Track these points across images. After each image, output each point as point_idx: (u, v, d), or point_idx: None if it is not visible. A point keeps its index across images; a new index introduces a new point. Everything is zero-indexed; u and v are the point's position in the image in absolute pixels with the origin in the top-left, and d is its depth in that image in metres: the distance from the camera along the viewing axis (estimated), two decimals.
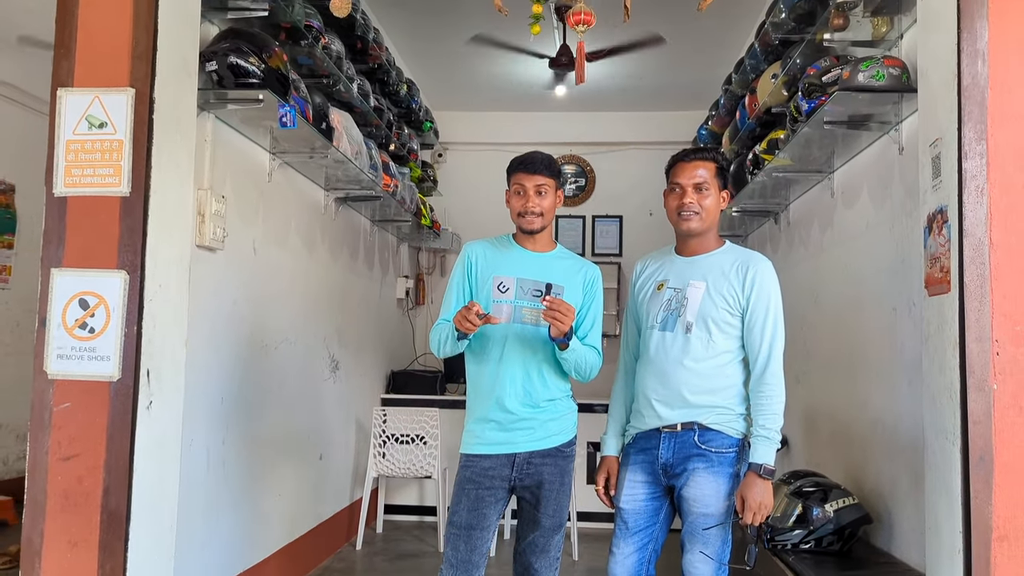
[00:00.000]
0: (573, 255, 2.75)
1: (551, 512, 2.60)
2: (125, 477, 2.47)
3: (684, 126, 6.69)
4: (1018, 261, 2.28)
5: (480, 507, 2.54)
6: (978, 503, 2.25)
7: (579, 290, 2.63)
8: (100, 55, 2.57)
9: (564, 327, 2.41)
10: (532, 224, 2.59)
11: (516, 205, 2.61)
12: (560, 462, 2.62)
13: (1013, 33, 2.32)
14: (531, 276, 2.58)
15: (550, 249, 2.68)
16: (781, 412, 2.44)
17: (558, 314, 2.40)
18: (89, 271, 2.52)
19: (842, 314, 3.82)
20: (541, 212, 2.59)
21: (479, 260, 2.65)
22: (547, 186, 2.59)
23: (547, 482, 2.59)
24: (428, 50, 5.85)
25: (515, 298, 2.57)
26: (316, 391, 4.54)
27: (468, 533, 2.53)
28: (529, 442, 2.58)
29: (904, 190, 3.07)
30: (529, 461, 2.58)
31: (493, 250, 2.67)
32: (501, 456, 2.57)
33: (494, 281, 2.60)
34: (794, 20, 3.77)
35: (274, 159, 3.78)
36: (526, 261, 2.62)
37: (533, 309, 2.54)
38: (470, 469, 2.59)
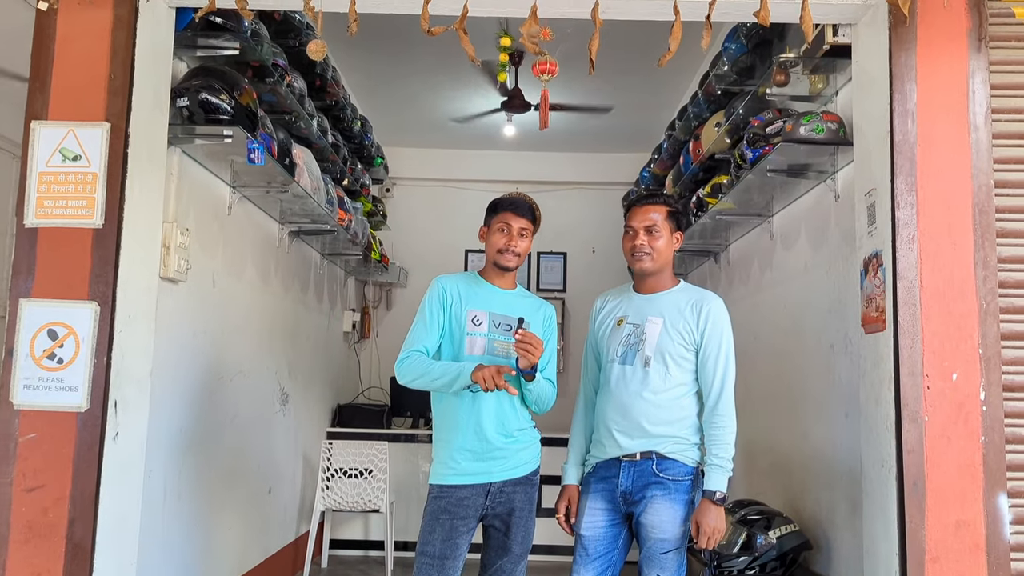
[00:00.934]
0: (531, 295, 2.90)
1: (520, 539, 2.70)
2: (91, 508, 2.48)
3: (627, 168, 6.93)
4: (944, 302, 2.50)
5: (453, 537, 2.62)
6: (912, 527, 2.44)
7: (539, 326, 2.77)
8: (75, 89, 2.62)
9: (534, 359, 2.55)
10: (509, 262, 2.73)
11: (498, 242, 2.73)
12: (529, 490, 2.73)
13: (939, 94, 2.57)
14: (501, 311, 2.71)
15: (514, 287, 2.83)
16: (733, 442, 2.59)
17: (529, 346, 2.54)
18: (59, 302, 2.54)
19: (781, 350, 4.02)
20: (520, 252, 2.73)
21: (453, 295, 2.75)
22: (528, 230, 2.75)
23: (518, 509, 2.69)
24: (380, 87, 5.96)
25: (488, 331, 2.69)
26: (267, 424, 4.54)
27: (441, 563, 2.60)
28: (503, 471, 2.67)
29: (840, 235, 3.29)
30: (502, 490, 2.68)
31: (465, 285, 2.79)
32: (476, 486, 2.66)
33: (468, 315, 2.71)
34: (736, 73, 4.01)
35: (234, 192, 3.83)
36: (496, 297, 2.75)
37: (504, 342, 2.67)
38: (444, 499, 2.65)
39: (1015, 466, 2.44)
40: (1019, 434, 2.46)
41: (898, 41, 2.60)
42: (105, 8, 2.63)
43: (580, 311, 7.20)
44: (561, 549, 5.65)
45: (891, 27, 2.61)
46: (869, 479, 2.64)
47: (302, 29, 3.90)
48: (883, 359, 2.56)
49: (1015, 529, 2.42)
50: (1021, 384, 2.48)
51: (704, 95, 4.44)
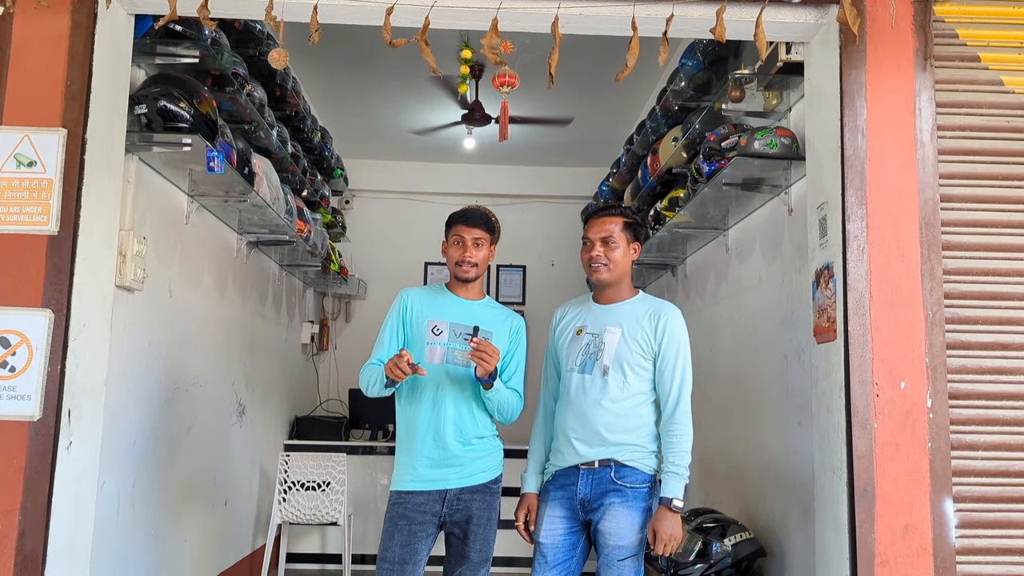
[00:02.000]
0: (500, 306, 2.93)
1: (479, 547, 2.71)
2: (42, 519, 2.44)
3: (586, 181, 7.01)
4: (894, 312, 2.57)
5: (412, 542, 2.64)
6: (862, 532, 2.49)
7: (505, 337, 2.80)
8: (31, 94, 2.58)
9: (489, 367, 2.58)
10: (467, 273, 2.76)
11: (454, 255, 2.77)
12: (488, 498, 2.74)
13: (888, 111, 2.65)
14: (462, 321, 2.74)
15: (480, 298, 2.85)
16: (689, 450, 2.63)
17: (484, 355, 2.57)
18: (12, 309, 2.50)
19: (736, 361, 4.09)
20: (476, 263, 2.76)
21: (414, 305, 2.79)
22: (483, 239, 2.78)
23: (475, 517, 2.71)
24: (340, 98, 5.96)
25: (448, 340, 2.73)
26: (223, 436, 4.48)
27: (401, 568, 2.62)
28: (460, 478, 2.70)
29: (793, 247, 3.37)
30: (459, 497, 2.70)
31: (428, 296, 2.83)
32: (433, 492, 2.68)
33: (428, 324, 2.75)
34: (693, 89, 4.09)
35: (192, 201, 3.79)
36: (458, 307, 2.78)
37: (464, 351, 2.69)
38: (402, 505, 2.68)
39: (960, 471, 2.52)
40: (964, 440, 2.54)
41: (848, 59, 2.68)
42: (63, 14, 2.61)
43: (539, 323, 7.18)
44: (521, 561, 5.66)
45: (842, 46, 2.69)
46: (821, 485, 2.70)
47: (262, 39, 3.90)
48: (834, 368, 2.63)
49: (960, 533, 2.49)
50: (966, 392, 2.56)
51: (662, 110, 4.51)
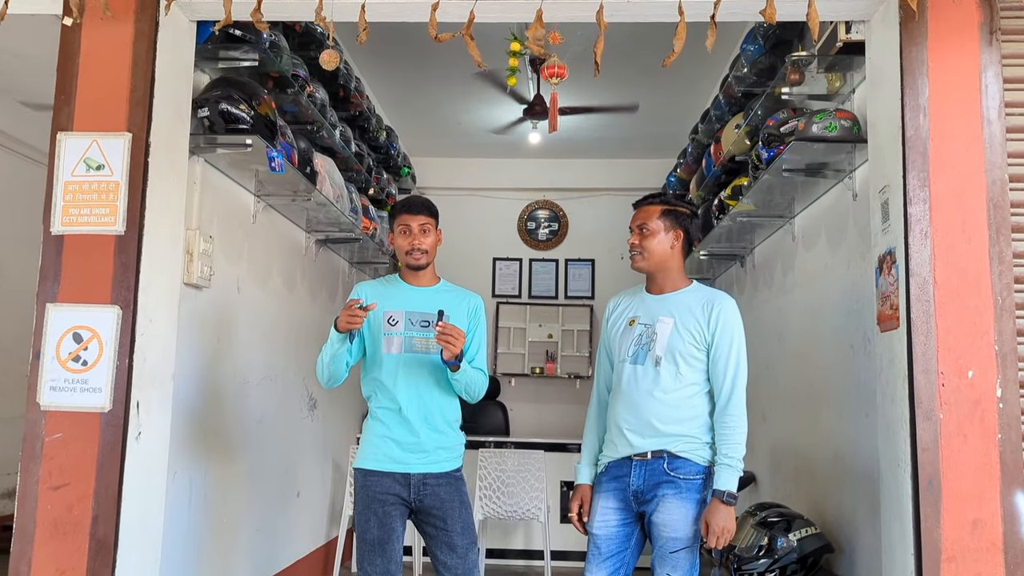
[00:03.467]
0: (456, 288, 2.98)
1: (459, 529, 2.76)
2: (114, 506, 2.55)
3: (654, 173, 6.92)
4: (959, 298, 2.47)
5: (388, 522, 2.72)
6: (928, 526, 2.40)
7: (464, 318, 2.85)
8: (99, 101, 2.71)
9: (456, 349, 2.64)
10: (419, 260, 2.84)
11: (403, 244, 2.85)
12: (454, 483, 2.81)
13: (950, 89, 2.54)
14: (418, 308, 2.81)
15: (434, 283, 2.93)
16: (743, 442, 2.56)
17: (450, 338, 2.62)
18: (83, 306, 2.62)
19: (804, 352, 3.99)
20: (425, 249, 2.84)
21: (368, 299, 2.84)
22: (429, 225, 2.87)
23: (447, 501, 2.77)
24: (406, 98, 6.04)
25: (404, 330, 2.80)
26: (295, 428, 4.61)
27: (383, 547, 2.70)
28: (421, 464, 2.76)
29: (858, 233, 3.26)
30: (424, 483, 2.76)
31: (381, 288, 2.92)
32: (396, 475, 2.76)
33: (384, 316, 2.82)
34: (755, 74, 4.00)
35: (259, 201, 3.91)
36: (412, 295, 2.86)
37: (423, 338, 2.77)
38: (370, 488, 2.76)
39: None
40: None
41: (909, 36, 2.58)
42: (127, 23, 2.72)
43: None
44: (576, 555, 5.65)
45: (902, 22, 2.59)
46: (885, 478, 2.61)
47: (323, 40, 3.98)
48: (897, 357, 2.54)
49: None
50: None
51: (725, 97, 4.43)
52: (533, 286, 7.44)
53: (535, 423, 7.01)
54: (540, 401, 7.27)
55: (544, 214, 7.53)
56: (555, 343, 7.31)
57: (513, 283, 7.41)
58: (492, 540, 5.41)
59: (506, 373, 7.27)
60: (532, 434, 6.30)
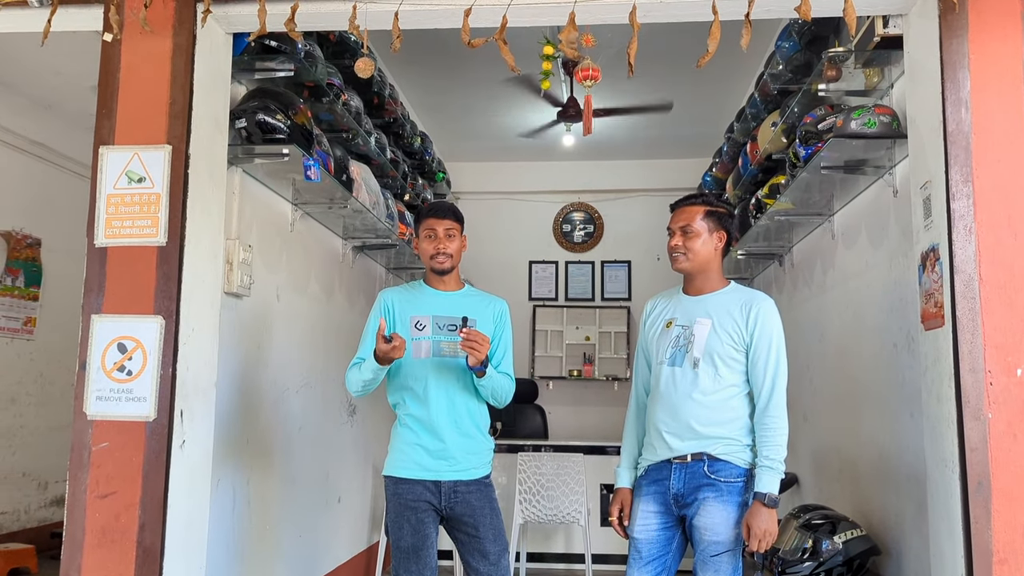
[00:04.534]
0: (481, 292, 2.99)
1: (492, 536, 2.76)
2: (159, 514, 2.59)
3: (689, 173, 6.87)
4: (1006, 294, 2.41)
5: (422, 529, 2.74)
6: (978, 528, 2.35)
7: (490, 322, 2.86)
8: (139, 114, 2.75)
9: (481, 355, 2.64)
10: (443, 264, 2.84)
11: (428, 248, 2.86)
12: (484, 490, 2.81)
13: (993, 81, 2.49)
14: (444, 313, 2.82)
15: (459, 288, 2.93)
16: (785, 443, 2.54)
17: (475, 344, 2.63)
18: (127, 316, 2.67)
19: (846, 351, 3.93)
20: (451, 254, 2.85)
21: (395, 304, 2.87)
22: (454, 230, 2.87)
23: (478, 508, 2.77)
24: (440, 104, 6.07)
25: (432, 334, 2.81)
26: (335, 435, 4.65)
27: (417, 554, 2.72)
28: (452, 472, 2.77)
29: (900, 230, 3.20)
30: (455, 490, 2.76)
31: (407, 294, 2.93)
32: (428, 482, 2.76)
33: (411, 320, 2.84)
34: (791, 71, 3.96)
35: (296, 209, 3.96)
36: (438, 300, 2.87)
37: (450, 342, 2.78)
38: (401, 496, 2.77)
39: None
40: None
41: (948, 28, 2.53)
42: (165, 37, 2.77)
43: None
44: (616, 558, 5.62)
45: (941, 14, 2.54)
46: (933, 479, 2.56)
47: (357, 49, 4.01)
48: (943, 355, 2.49)
49: None
50: None
51: (760, 95, 4.39)
52: (570, 288, 7.43)
53: (574, 426, 6.99)
54: (578, 404, 7.25)
55: (579, 216, 7.51)
56: (592, 345, 7.28)
57: (549, 286, 7.40)
58: (532, 544, 5.41)
59: (544, 376, 7.26)
60: (571, 437, 6.27)
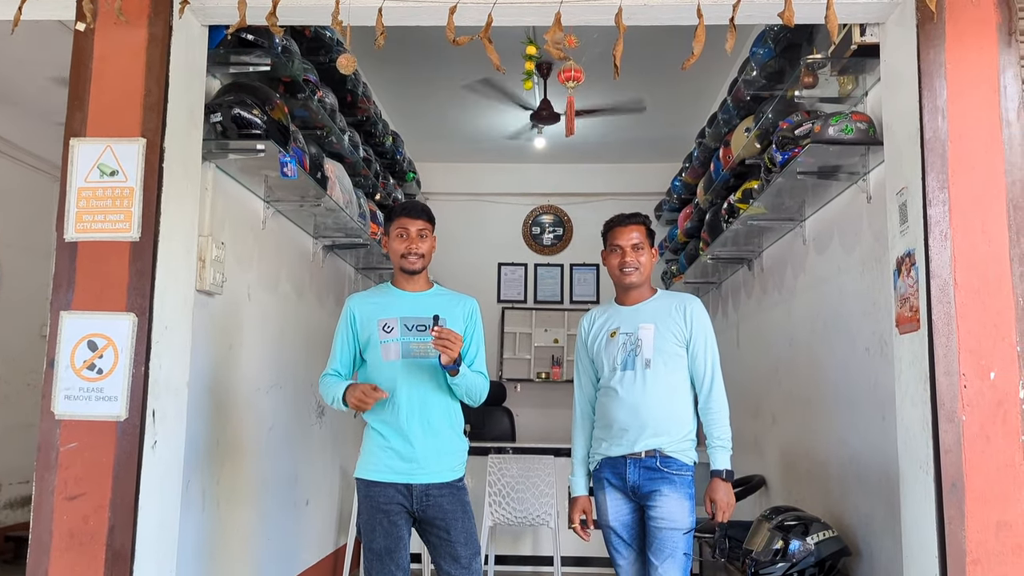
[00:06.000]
0: (450, 292, 2.97)
1: (463, 540, 2.74)
2: (130, 516, 2.52)
3: (658, 177, 6.93)
4: (980, 299, 2.46)
5: (394, 531, 2.72)
6: (952, 529, 2.39)
7: (460, 321, 2.84)
8: (112, 106, 2.69)
9: (453, 353, 2.63)
10: (414, 264, 2.82)
11: (399, 247, 2.83)
12: (457, 493, 2.79)
13: (968, 90, 2.54)
14: (413, 313, 2.79)
15: (427, 288, 2.90)
16: (728, 424, 2.83)
17: (447, 342, 2.61)
18: (98, 314, 2.60)
19: (816, 355, 3.97)
20: (422, 254, 2.83)
21: (359, 310, 2.85)
22: (427, 230, 2.85)
23: (450, 511, 2.75)
24: (411, 103, 6.04)
25: (400, 336, 2.78)
26: (303, 436, 4.59)
27: (390, 555, 2.70)
28: (424, 475, 2.74)
29: (873, 236, 3.25)
30: (427, 493, 2.74)
31: (373, 297, 2.90)
32: (399, 485, 2.74)
33: (379, 324, 2.80)
34: (764, 78, 4.00)
35: (268, 207, 3.90)
36: (405, 301, 2.84)
37: (420, 343, 2.75)
38: (373, 499, 2.75)
39: None
40: None
41: (926, 38, 2.57)
42: (140, 27, 2.70)
43: None
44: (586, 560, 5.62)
45: (919, 24, 2.58)
46: (907, 481, 2.59)
47: (332, 45, 3.98)
48: (918, 359, 2.53)
49: None
50: None
51: (733, 101, 4.43)
52: (539, 291, 7.44)
53: (541, 428, 6.99)
54: (546, 406, 7.25)
55: (549, 219, 7.52)
56: (561, 348, 7.30)
57: (519, 288, 7.41)
58: (500, 546, 5.39)
59: (512, 378, 7.25)
60: (538, 439, 6.27)
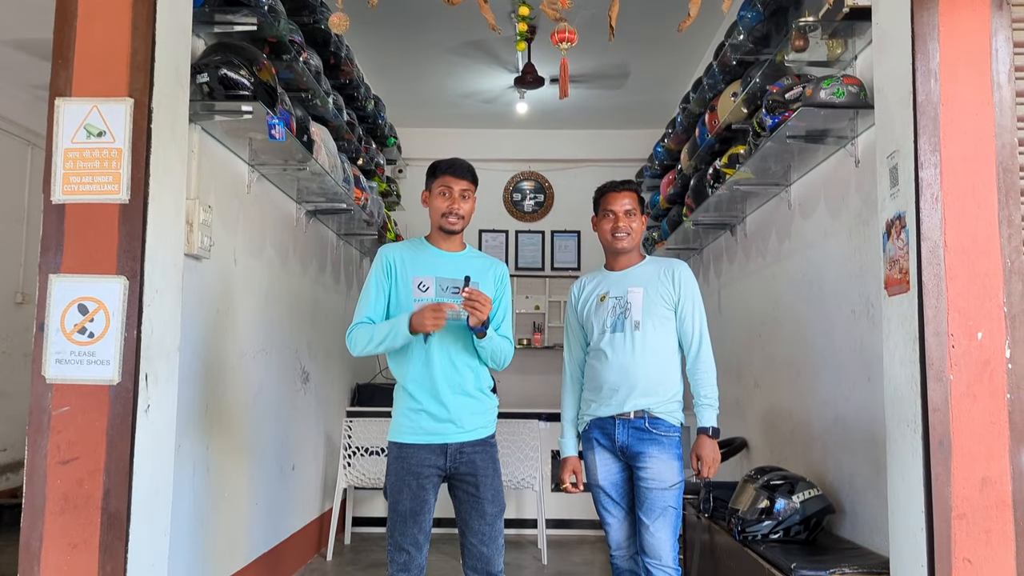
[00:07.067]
0: (482, 255, 2.96)
1: (490, 497, 2.76)
2: (125, 479, 2.51)
3: (640, 144, 6.93)
4: (969, 261, 2.49)
5: (421, 494, 2.72)
6: (938, 485, 2.44)
7: (491, 285, 2.83)
8: (98, 65, 2.62)
9: (482, 316, 2.62)
10: (454, 225, 2.79)
11: (440, 206, 2.79)
12: (489, 450, 2.80)
13: (961, 53, 2.55)
14: (448, 274, 2.77)
15: (461, 249, 2.88)
16: (715, 383, 2.93)
17: (477, 303, 2.60)
18: (88, 277, 2.56)
19: (801, 319, 4.02)
20: (463, 215, 2.79)
21: (397, 262, 2.81)
22: (469, 191, 2.82)
23: (482, 469, 2.76)
24: (393, 67, 5.97)
25: (435, 296, 2.75)
26: (289, 402, 4.58)
27: (414, 519, 2.71)
28: (459, 433, 2.75)
29: (860, 200, 3.28)
30: (460, 451, 2.75)
31: (410, 252, 2.85)
32: (434, 446, 2.74)
33: (414, 281, 2.77)
34: (752, 42, 3.99)
35: (253, 171, 3.85)
36: (442, 261, 2.81)
37: (453, 304, 2.71)
38: (405, 460, 2.74)
39: None
40: None
41: (920, 1, 2.58)
42: None
43: None
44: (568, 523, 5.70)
45: None
46: (893, 439, 2.64)
47: (316, 6, 3.92)
48: (907, 320, 2.56)
49: None
50: None
51: (719, 66, 4.42)
52: (520, 258, 7.43)
53: (521, 394, 7.03)
54: (526, 372, 7.27)
55: (530, 185, 7.50)
56: (542, 314, 7.32)
57: (499, 255, 7.39)
58: None
59: None
60: (518, 404, 6.31)
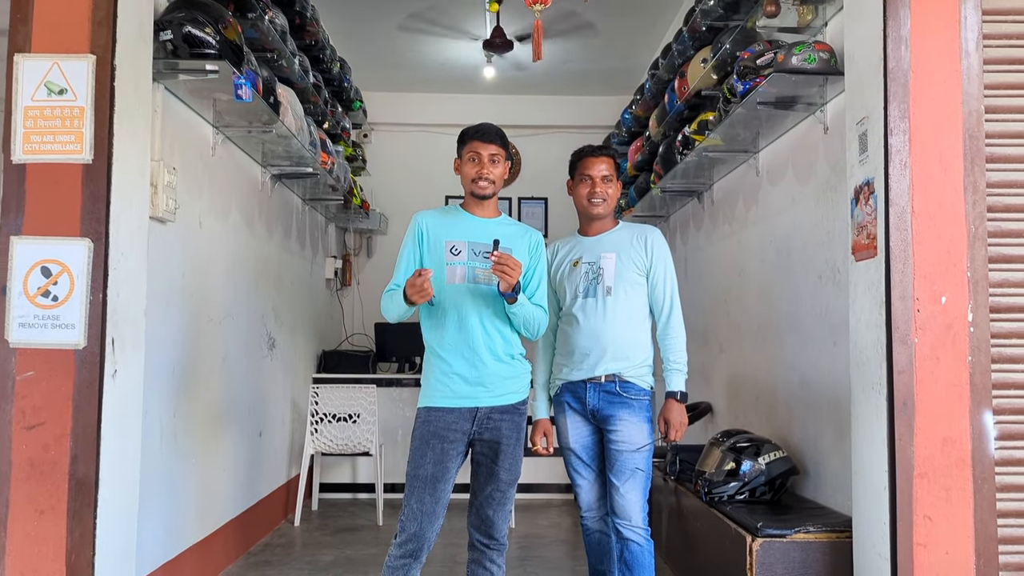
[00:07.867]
0: (517, 223, 2.92)
1: (507, 466, 2.75)
2: (93, 445, 2.48)
3: (607, 110, 6.91)
4: (935, 226, 2.54)
5: (444, 460, 2.66)
6: (902, 445, 2.51)
7: (525, 253, 2.79)
8: (58, 20, 2.55)
9: (512, 280, 2.57)
10: (485, 190, 2.75)
11: (470, 171, 2.75)
12: (516, 418, 2.77)
13: (931, 20, 2.57)
14: (481, 239, 2.72)
15: (496, 216, 2.84)
16: (684, 348, 2.95)
17: (506, 268, 2.55)
18: (51, 239, 2.50)
19: (768, 285, 4.07)
20: (493, 180, 2.75)
21: (430, 227, 2.78)
22: (499, 155, 2.77)
23: (505, 437, 2.73)
24: (359, 30, 5.86)
25: (467, 260, 2.72)
26: (255, 368, 4.54)
27: (434, 486, 2.65)
28: (490, 398, 2.71)
29: (829, 167, 3.31)
30: (489, 416, 2.71)
31: (443, 217, 2.82)
32: (464, 410, 2.69)
33: (446, 245, 2.74)
34: (722, 8, 3.99)
35: (217, 133, 3.77)
36: (475, 226, 2.77)
37: (485, 269, 2.69)
38: (432, 424, 2.69)
39: (1000, 384, 2.51)
40: (1004, 354, 2.52)
41: None
42: None
43: None
44: (546, 487, 5.77)
45: None
46: (858, 401, 2.70)
47: None
48: (874, 284, 2.61)
49: (1000, 444, 2.50)
50: (1007, 305, 2.53)
51: (689, 32, 4.41)
52: None
53: None
54: None
55: None
56: None
57: None
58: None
59: None
60: None
